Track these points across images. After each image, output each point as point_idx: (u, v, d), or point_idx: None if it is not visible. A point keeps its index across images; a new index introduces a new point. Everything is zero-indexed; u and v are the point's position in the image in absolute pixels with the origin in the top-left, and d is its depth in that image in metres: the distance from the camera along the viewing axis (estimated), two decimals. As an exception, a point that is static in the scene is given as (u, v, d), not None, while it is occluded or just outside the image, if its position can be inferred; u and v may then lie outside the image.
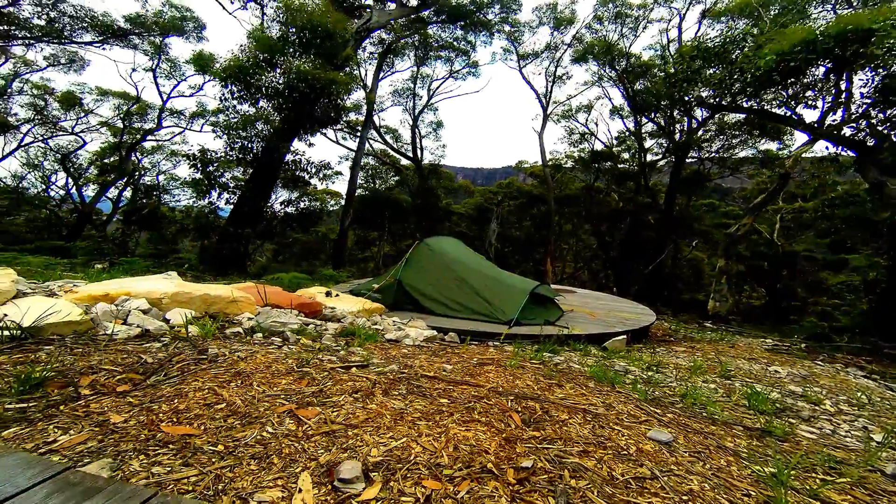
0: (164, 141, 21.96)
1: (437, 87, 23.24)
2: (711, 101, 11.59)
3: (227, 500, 1.12)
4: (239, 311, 3.44)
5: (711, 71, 10.49)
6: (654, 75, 17.69)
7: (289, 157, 13.78)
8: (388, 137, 23.58)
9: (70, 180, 20.54)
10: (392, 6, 15.91)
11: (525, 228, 26.02)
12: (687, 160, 19.37)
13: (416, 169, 23.26)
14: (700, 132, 18.76)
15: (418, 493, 1.24)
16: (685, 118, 18.87)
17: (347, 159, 23.37)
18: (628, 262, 20.97)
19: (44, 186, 20.92)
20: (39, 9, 14.21)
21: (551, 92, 22.79)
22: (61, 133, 20.18)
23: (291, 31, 11.19)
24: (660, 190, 21.74)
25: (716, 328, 9.40)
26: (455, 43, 20.73)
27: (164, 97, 20.24)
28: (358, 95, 18.66)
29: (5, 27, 14.09)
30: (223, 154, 13.33)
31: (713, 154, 19.58)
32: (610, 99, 22.16)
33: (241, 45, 11.31)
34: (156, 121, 20.59)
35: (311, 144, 14.24)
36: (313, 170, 15.73)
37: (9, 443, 1.25)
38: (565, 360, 3.51)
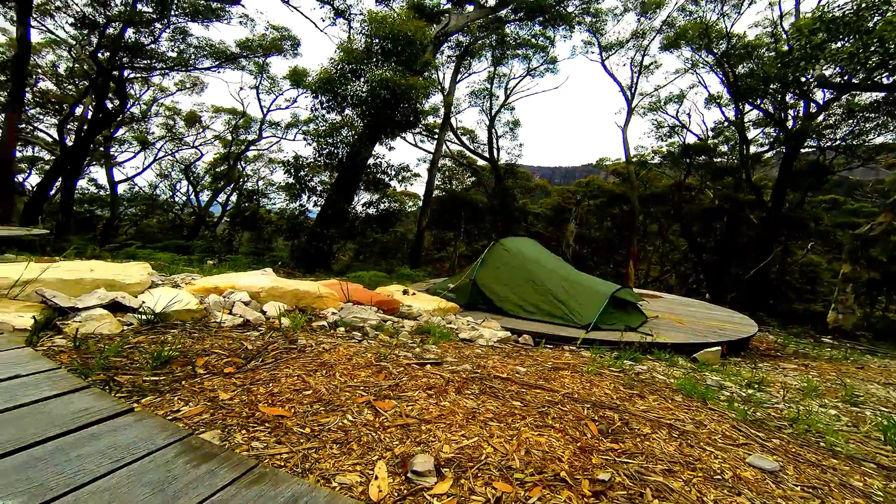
0: (264, 150, 24.52)
1: (514, 86, 22.92)
2: (838, 79, 9.97)
3: (312, 479, 1.22)
4: (324, 306, 3.71)
5: (839, 45, 9.00)
6: (762, 56, 15.69)
7: (371, 160, 14.53)
8: (464, 138, 23.82)
9: (190, 187, 23.87)
10: (470, 8, 16.05)
11: (605, 229, 24.69)
12: (802, 150, 16.88)
13: (493, 169, 23.18)
14: (820, 117, 16.22)
15: (489, 494, 1.24)
16: (801, 102, 16.46)
17: (425, 161, 24.05)
18: (724, 266, 18.86)
19: (171, 193, 24.60)
20: (172, 43, 16.76)
21: (637, 83, 21.33)
22: (185, 147, 23.63)
23: (375, 41, 11.80)
24: (765, 185, 19.27)
25: (838, 345, 8.10)
26: (533, 39, 20.26)
27: (265, 111, 22.57)
28: (436, 99, 19.13)
29: (148, 61, 16.80)
30: (313, 160, 14.48)
31: (837, 142, 16.75)
32: (706, 86, 20.16)
33: (331, 59, 12.19)
34: (257, 132, 23.06)
35: (391, 148, 14.88)
36: (393, 172, 16.42)
37: (146, 409, 1.49)
38: (648, 369, 3.27)
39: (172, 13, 15.20)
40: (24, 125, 16.89)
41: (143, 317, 2.55)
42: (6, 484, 0.72)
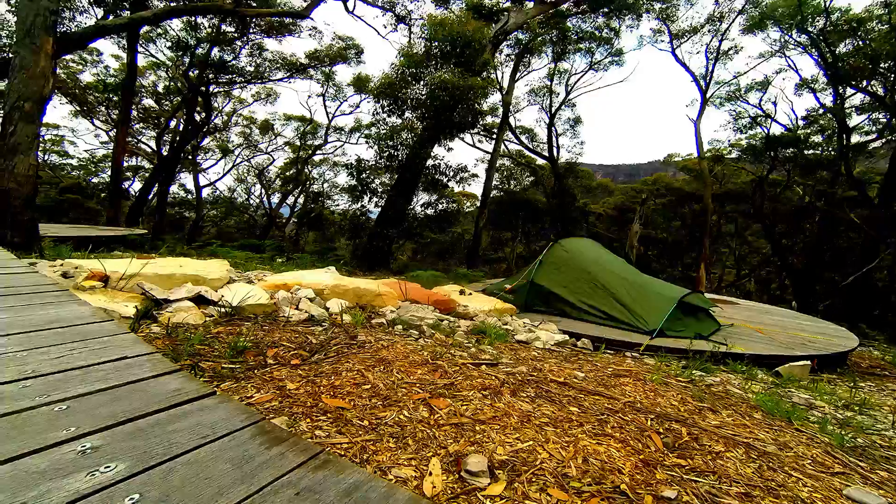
0: (329, 154, 25.91)
1: (576, 82, 22.09)
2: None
3: (369, 469, 1.27)
4: (383, 304, 3.85)
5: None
6: (871, 31, 13.81)
7: (429, 162, 14.78)
8: (523, 138, 23.44)
9: (263, 190, 25.86)
10: (530, 5, 15.77)
11: (673, 229, 23.09)
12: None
13: (552, 168, 22.60)
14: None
15: (543, 500, 1.22)
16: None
17: (483, 161, 24.02)
18: (815, 271, 16.84)
19: (246, 196, 26.82)
20: (250, 58, 18.44)
21: (712, 72, 19.68)
22: (259, 153, 25.70)
23: (434, 44, 12.00)
24: (870, 180, 16.95)
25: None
26: (596, 32, 19.41)
27: (330, 117, 23.83)
28: (494, 98, 18.99)
29: (230, 76, 18.52)
30: (374, 162, 15.03)
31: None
32: (796, 70, 18.04)
33: (392, 64, 12.60)
34: (323, 137, 24.41)
35: (449, 149, 15.02)
36: (451, 173, 16.58)
37: (225, 393, 1.64)
38: (721, 381, 3.02)
39: (251, 31, 16.56)
40: (130, 139, 19.22)
41: (223, 309, 2.81)
42: (121, 448, 0.85)
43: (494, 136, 19.18)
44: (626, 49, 20.90)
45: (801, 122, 18.66)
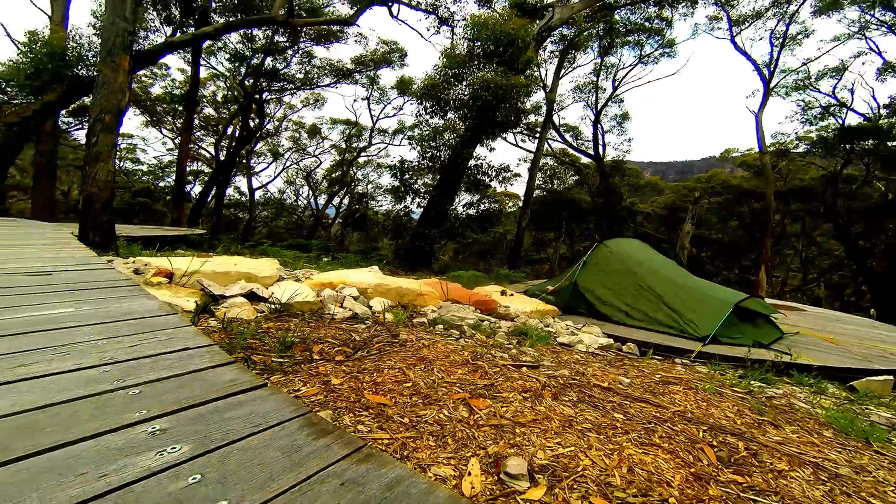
0: (373, 156, 26.58)
1: (624, 77, 21.23)
2: None
3: (409, 466, 1.30)
4: (425, 304, 3.90)
5: None
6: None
7: (471, 162, 14.78)
8: (567, 136, 22.88)
9: (310, 192, 26.98)
10: (575, 0, 15.39)
11: (730, 230, 21.66)
12: None
13: (597, 167, 21.89)
14: None
15: (585, 508, 1.19)
16: None
17: (526, 161, 23.71)
18: (900, 276, 15.19)
19: (294, 198, 28.08)
20: (300, 66, 19.39)
21: (777, 59, 18.28)
22: (307, 156, 26.83)
23: (477, 44, 12.00)
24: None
25: None
26: (646, 24, 18.56)
27: (374, 119, 24.47)
28: (538, 97, 18.66)
29: (281, 83, 19.56)
30: (417, 163, 15.24)
31: None
32: (880, 53, 16.35)
33: (435, 65, 12.73)
34: (368, 139, 25.09)
35: (492, 149, 14.92)
36: (493, 173, 16.48)
37: (274, 385, 1.73)
38: (784, 394, 2.80)
39: (301, 40, 17.36)
40: (192, 145, 20.71)
41: (273, 306, 2.96)
42: (184, 431, 0.93)
43: (538, 135, 18.87)
44: (678, 39, 19.80)
45: (883, 111, 16.87)
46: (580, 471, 1.37)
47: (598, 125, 21.56)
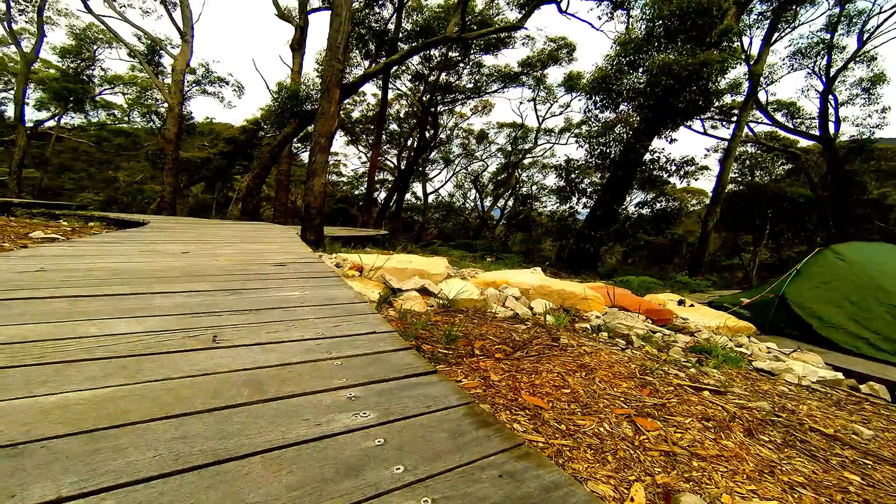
0: (538, 156, 26.49)
1: (878, 26, 15.82)
2: None
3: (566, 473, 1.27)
4: (588, 309, 3.70)
5: None
6: None
7: (646, 156, 13.35)
8: (778, 115, 18.49)
9: (477, 194, 28.47)
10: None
11: None
12: None
13: (824, 150, 17.03)
14: None
15: (788, 578, 0.97)
16: None
17: (716, 150, 20.14)
18: None
19: (462, 200, 30.05)
20: (470, 76, 20.76)
21: None
22: (475, 161, 28.39)
23: (658, 24, 10.76)
24: None
25: None
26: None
27: (540, 120, 24.38)
28: (737, 72, 15.57)
29: (453, 95, 21.30)
30: (584, 162, 14.55)
31: None
32: None
33: (606, 55, 11.92)
34: (533, 140, 25.12)
35: (672, 140, 13.08)
36: (673, 168, 14.54)
37: (441, 374, 1.91)
38: None
39: (472, 52, 18.51)
40: (380, 157, 24.24)
41: (441, 301, 3.25)
42: (372, 401, 1.13)
43: (734, 119, 15.75)
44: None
45: None
46: (783, 531, 1.11)
47: (831, 95, 16.68)
